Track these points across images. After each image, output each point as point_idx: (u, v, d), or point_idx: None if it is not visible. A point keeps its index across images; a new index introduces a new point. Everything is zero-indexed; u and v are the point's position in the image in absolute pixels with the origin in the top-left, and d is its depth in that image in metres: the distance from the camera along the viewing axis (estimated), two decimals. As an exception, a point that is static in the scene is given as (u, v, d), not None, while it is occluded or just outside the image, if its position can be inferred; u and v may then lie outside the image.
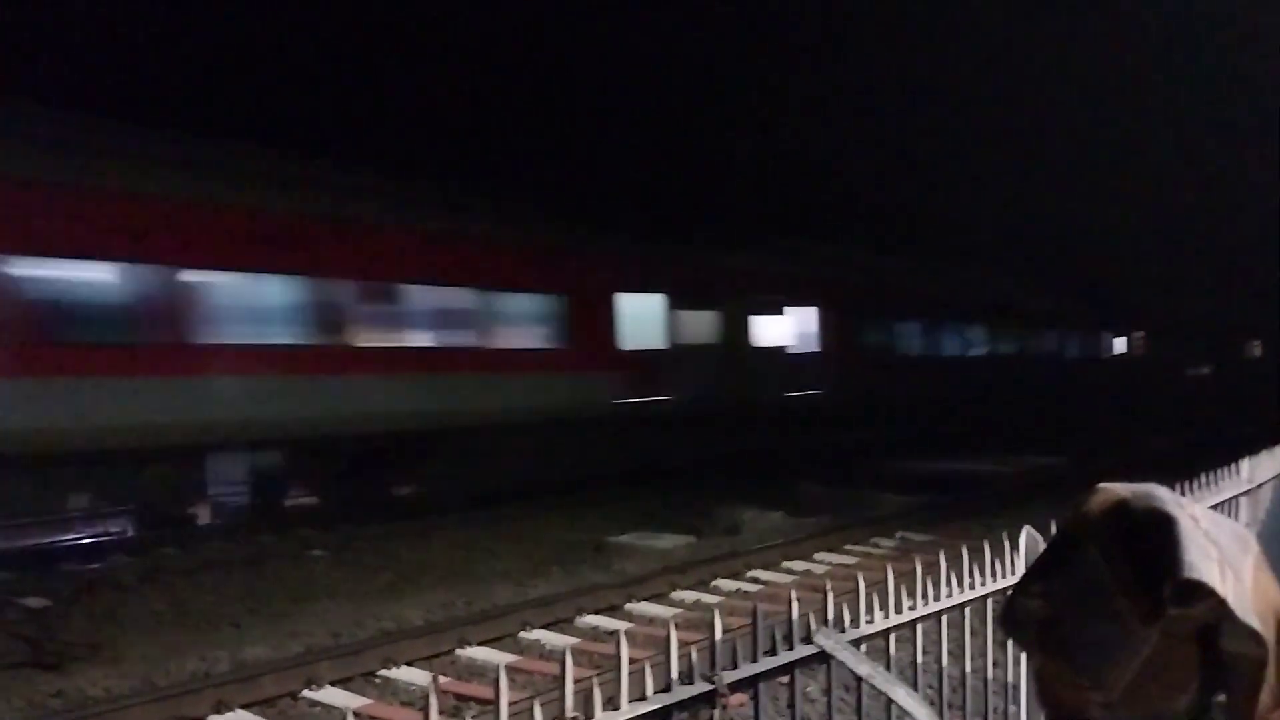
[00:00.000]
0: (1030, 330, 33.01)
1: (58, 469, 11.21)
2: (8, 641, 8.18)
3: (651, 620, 8.68)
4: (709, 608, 8.95)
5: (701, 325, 19.18)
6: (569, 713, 2.12)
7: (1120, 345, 42.05)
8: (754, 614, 2.55)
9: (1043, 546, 3.74)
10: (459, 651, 7.73)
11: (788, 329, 21.59)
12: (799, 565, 10.71)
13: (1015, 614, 1.24)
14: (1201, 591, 1.11)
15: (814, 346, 22.22)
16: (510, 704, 2.13)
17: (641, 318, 17.76)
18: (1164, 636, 1.13)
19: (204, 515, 12.92)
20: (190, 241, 12.09)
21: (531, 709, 2.10)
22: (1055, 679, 1.18)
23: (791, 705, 2.73)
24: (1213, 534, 1.16)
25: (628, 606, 9.09)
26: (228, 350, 12.43)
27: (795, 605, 2.66)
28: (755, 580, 10.11)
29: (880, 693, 3.67)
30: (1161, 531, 1.16)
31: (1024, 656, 3.82)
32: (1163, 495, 1.21)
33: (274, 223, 12.94)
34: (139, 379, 11.65)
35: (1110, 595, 1.14)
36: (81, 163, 11.50)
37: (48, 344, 11.02)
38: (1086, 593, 1.15)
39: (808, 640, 2.72)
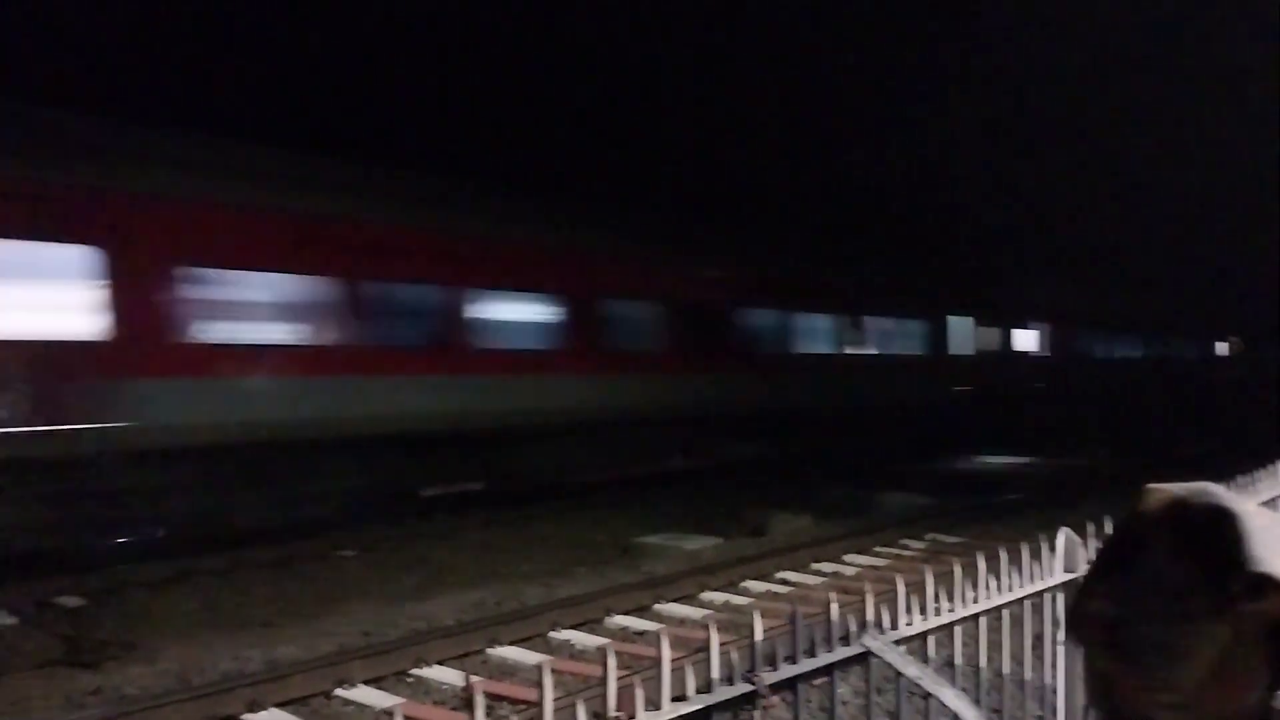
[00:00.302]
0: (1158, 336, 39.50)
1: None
2: (45, 640, 8.30)
3: (681, 621, 8.69)
4: (738, 609, 8.99)
5: (989, 337, 27.19)
6: (611, 712, 2.13)
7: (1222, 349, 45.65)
8: (793, 616, 2.55)
9: (1082, 550, 3.73)
10: (489, 651, 7.77)
11: (1029, 340, 29.43)
12: (828, 567, 10.69)
13: (1081, 617, 1.23)
14: (1272, 584, 1.10)
15: (1045, 352, 30.12)
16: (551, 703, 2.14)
17: (958, 332, 25.81)
18: (1233, 634, 1.11)
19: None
20: (803, 297, 20.82)
21: (574, 708, 2.11)
22: (1121, 681, 1.17)
23: (830, 707, 2.74)
24: (1272, 529, 1.15)
25: (656, 607, 9.10)
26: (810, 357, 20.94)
27: (835, 607, 2.66)
28: (784, 582, 10.10)
29: (916, 695, 3.66)
30: (1225, 527, 1.15)
31: (1060, 660, 3.81)
32: (1219, 492, 1.20)
33: (820, 283, 21.55)
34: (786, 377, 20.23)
35: (1177, 594, 1.13)
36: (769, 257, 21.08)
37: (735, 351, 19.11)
38: (1152, 593, 1.14)
39: (845, 641, 2.72)
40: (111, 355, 10.73)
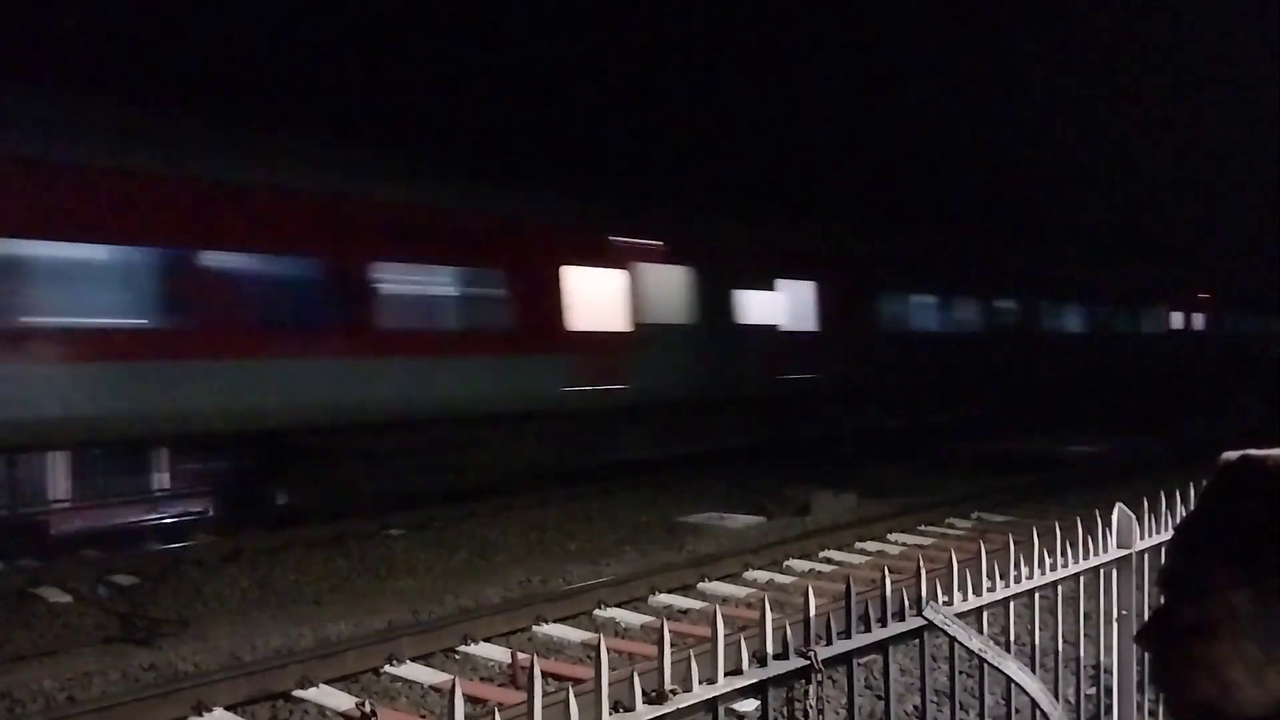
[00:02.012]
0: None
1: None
2: (101, 617, 8.46)
3: (725, 600, 8.69)
4: (782, 588, 8.98)
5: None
6: (668, 685, 2.13)
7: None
8: (848, 589, 2.54)
9: (1136, 526, 3.67)
10: (535, 629, 7.82)
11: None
12: (872, 546, 10.64)
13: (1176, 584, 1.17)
14: None
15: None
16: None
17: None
18: None
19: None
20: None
21: (629, 682, 2.11)
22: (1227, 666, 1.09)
23: (885, 682, 2.72)
24: None
25: (700, 586, 9.11)
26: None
27: (889, 582, 2.65)
28: (828, 561, 10.08)
29: (964, 674, 3.63)
30: None
31: (1115, 636, 3.76)
32: None
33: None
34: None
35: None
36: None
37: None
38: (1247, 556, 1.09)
39: (899, 616, 2.70)
40: None
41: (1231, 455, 1.14)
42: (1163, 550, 1.23)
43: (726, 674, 2.27)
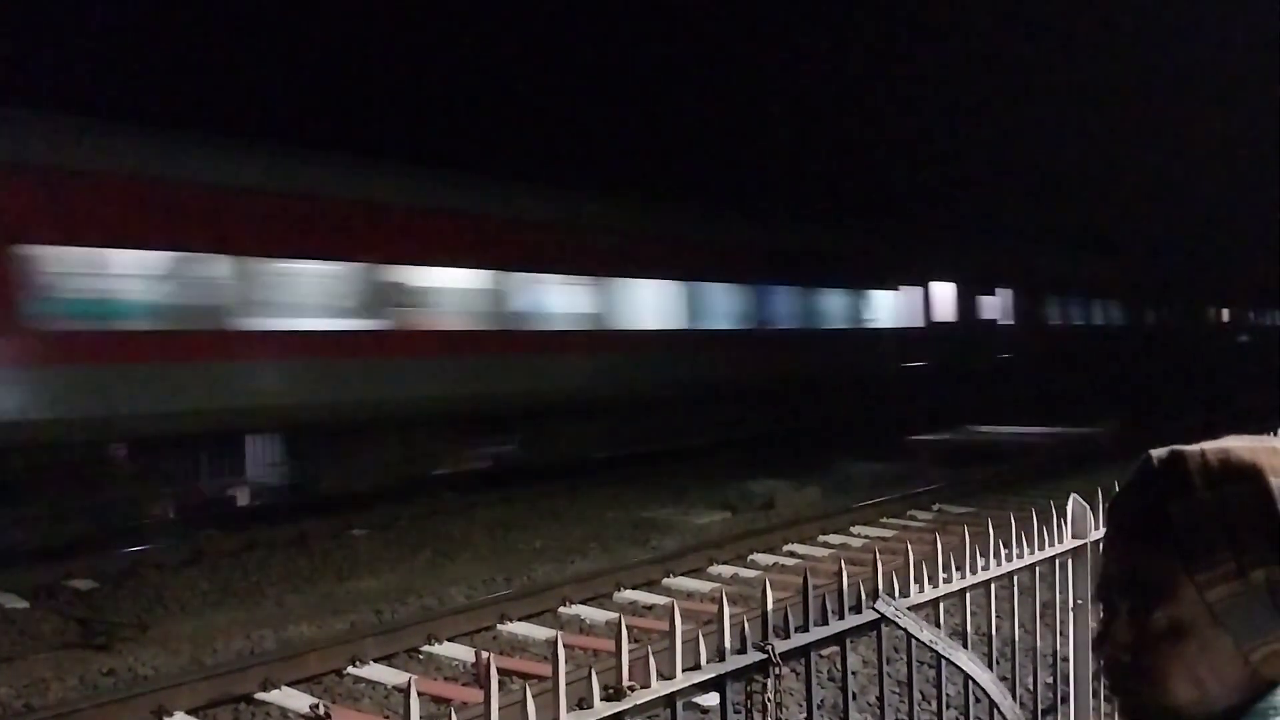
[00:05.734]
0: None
1: None
2: (60, 622, 8.35)
3: (690, 595, 8.72)
4: (746, 582, 9.02)
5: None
6: (626, 682, 2.13)
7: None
8: (805, 583, 2.55)
9: (1091, 516, 3.72)
10: (500, 627, 7.80)
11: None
12: (835, 539, 10.71)
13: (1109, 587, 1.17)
14: None
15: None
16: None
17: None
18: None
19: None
20: None
21: (588, 680, 2.12)
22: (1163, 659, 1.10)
23: (842, 675, 2.74)
24: None
25: (665, 582, 9.13)
26: None
27: (845, 575, 2.67)
28: (792, 554, 10.13)
29: (925, 664, 3.67)
30: (1258, 488, 1.08)
31: (1071, 626, 3.81)
32: (1245, 448, 1.14)
33: None
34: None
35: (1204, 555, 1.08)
36: None
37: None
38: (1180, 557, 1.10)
39: (857, 609, 2.72)
40: None
41: (1161, 452, 1.13)
42: (1104, 553, 1.22)
43: (686, 669, 2.28)
